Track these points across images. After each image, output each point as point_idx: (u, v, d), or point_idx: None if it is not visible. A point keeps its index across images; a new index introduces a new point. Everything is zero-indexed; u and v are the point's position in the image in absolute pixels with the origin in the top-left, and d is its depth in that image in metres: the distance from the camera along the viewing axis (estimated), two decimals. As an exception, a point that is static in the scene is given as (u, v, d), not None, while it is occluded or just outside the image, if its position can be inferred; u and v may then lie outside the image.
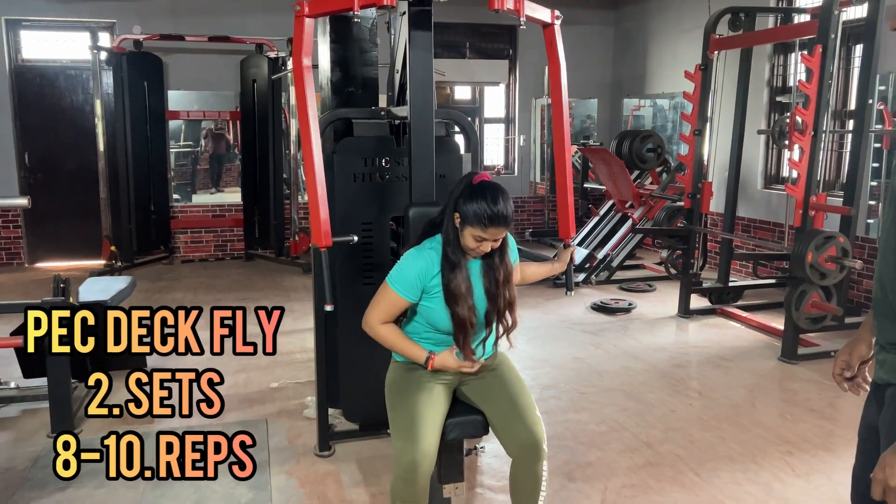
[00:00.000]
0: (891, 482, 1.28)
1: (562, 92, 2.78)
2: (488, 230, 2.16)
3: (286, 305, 6.05)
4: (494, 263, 2.30)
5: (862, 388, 1.65)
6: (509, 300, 2.33)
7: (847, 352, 1.63)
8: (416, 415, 2.23)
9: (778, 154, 6.77)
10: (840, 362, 1.64)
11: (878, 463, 1.31)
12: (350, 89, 3.44)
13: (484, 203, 2.14)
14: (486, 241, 2.19)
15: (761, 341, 5.04)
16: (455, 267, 2.24)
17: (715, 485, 3.00)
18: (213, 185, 8.27)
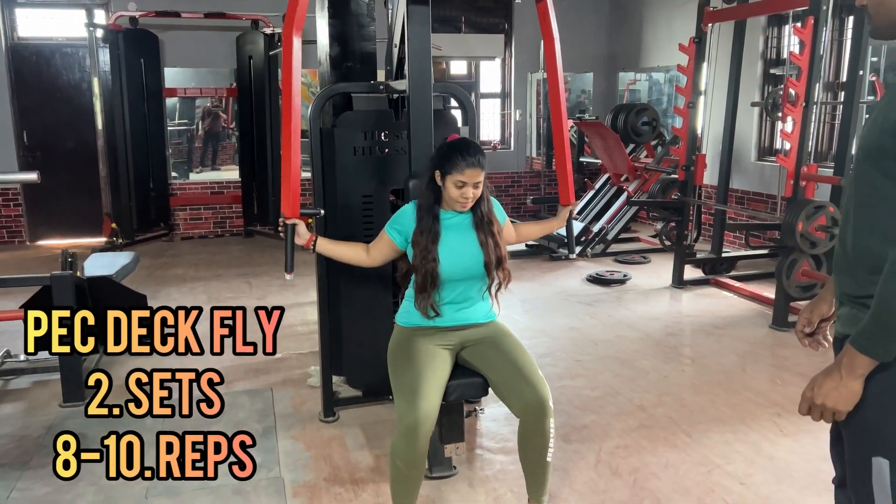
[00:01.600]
0: (816, 400, 1.43)
1: (556, 64, 2.84)
2: (465, 172, 2.36)
3: (285, 281, 6.10)
4: (483, 212, 2.49)
5: (821, 345, 1.76)
6: (502, 252, 2.51)
7: (809, 310, 1.73)
8: (419, 376, 2.33)
9: (771, 126, 6.84)
10: (802, 319, 1.73)
11: (809, 383, 1.44)
12: (348, 64, 3.50)
13: (457, 151, 2.39)
14: (466, 185, 2.38)
15: (753, 310, 5.15)
16: (424, 231, 2.43)
17: (705, 445, 3.12)
18: (210, 163, 8.33)
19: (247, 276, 6.32)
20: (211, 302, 5.50)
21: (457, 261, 2.44)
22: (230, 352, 4.35)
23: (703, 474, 2.87)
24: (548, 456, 2.39)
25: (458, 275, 2.46)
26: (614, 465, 2.95)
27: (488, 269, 2.47)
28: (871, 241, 1.36)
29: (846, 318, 1.45)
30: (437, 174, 2.43)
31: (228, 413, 3.49)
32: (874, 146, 1.34)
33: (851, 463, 1.48)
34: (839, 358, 1.39)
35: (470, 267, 2.46)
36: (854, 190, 1.42)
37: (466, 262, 2.45)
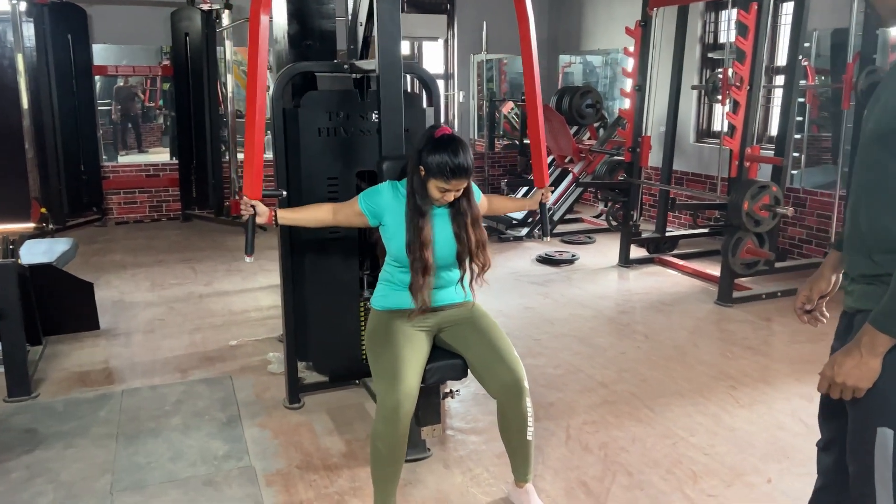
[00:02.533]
0: (837, 379, 1.47)
1: (531, 47, 2.84)
2: (450, 182, 2.29)
3: (232, 266, 6.01)
4: (462, 208, 2.43)
5: (819, 321, 1.83)
6: (480, 240, 2.46)
7: (808, 287, 1.79)
8: (398, 359, 2.31)
9: (709, 109, 7.05)
10: (802, 296, 1.80)
11: (829, 361, 1.49)
12: (308, 42, 3.42)
13: (446, 156, 2.26)
14: (448, 191, 2.32)
15: (697, 287, 5.33)
16: (423, 215, 2.37)
17: (668, 418, 3.22)
18: (136, 146, 8.01)
19: (190, 262, 6.13)
20: (155, 289, 5.31)
21: (437, 249, 2.42)
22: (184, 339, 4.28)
23: (669, 446, 2.96)
24: (528, 435, 2.41)
25: (439, 260, 2.44)
26: (584, 441, 3.01)
27: (460, 260, 2.46)
28: (887, 222, 1.41)
29: (859, 294, 1.51)
30: (421, 170, 2.32)
31: (187, 402, 3.40)
32: (885, 129, 1.39)
33: (854, 432, 1.54)
34: (858, 337, 1.44)
35: (447, 255, 2.45)
36: (864, 172, 1.47)
37: (444, 250, 2.44)
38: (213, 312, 4.78)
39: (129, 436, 3.07)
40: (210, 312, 4.78)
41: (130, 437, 3.06)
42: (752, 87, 4.49)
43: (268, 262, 6.08)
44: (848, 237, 1.56)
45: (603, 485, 2.68)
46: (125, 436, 3.07)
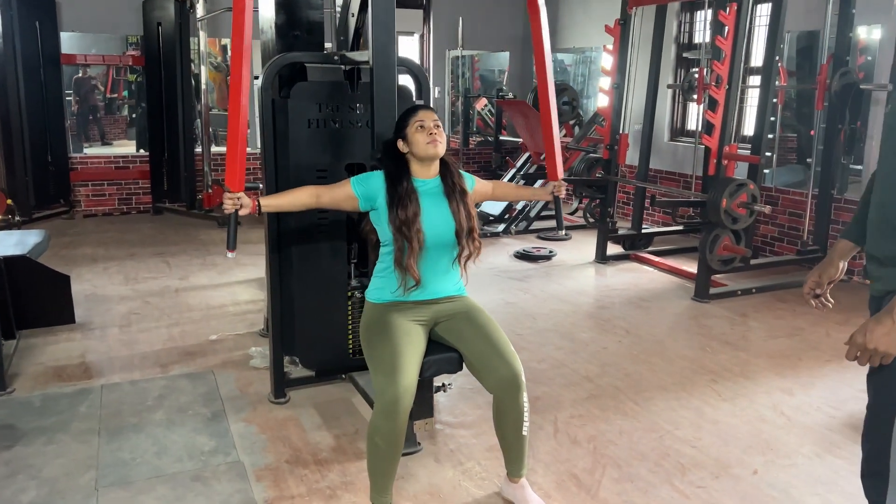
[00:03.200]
0: (868, 345, 1.51)
1: (543, 40, 2.83)
2: (418, 113, 2.49)
3: (207, 260, 5.92)
4: (452, 182, 2.53)
5: (826, 306, 1.88)
6: (472, 215, 2.53)
7: (818, 273, 1.85)
8: (397, 352, 2.30)
9: (683, 108, 7.15)
10: (811, 282, 1.85)
11: (860, 328, 1.53)
12: (295, 33, 3.37)
13: (405, 110, 2.57)
14: (426, 122, 2.46)
15: (674, 283, 5.40)
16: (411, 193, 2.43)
17: (653, 411, 3.26)
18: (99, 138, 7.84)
19: (163, 256, 6.02)
20: (129, 283, 5.21)
21: (433, 227, 2.43)
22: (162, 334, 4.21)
23: (655, 440, 3.00)
24: (523, 430, 2.42)
25: (433, 242, 2.44)
26: (572, 434, 3.03)
27: (458, 237, 2.48)
28: None
29: (890, 278, 1.54)
30: (400, 142, 2.51)
31: (170, 397, 3.34)
32: None
33: (873, 408, 1.58)
34: (890, 306, 1.47)
35: (442, 233, 2.46)
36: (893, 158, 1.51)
37: (441, 228, 2.45)
38: (190, 307, 4.70)
39: (112, 431, 3.01)
40: (187, 307, 4.70)
41: (113, 432, 3.00)
42: (731, 86, 4.56)
43: (244, 256, 6.01)
44: (877, 224, 1.59)
45: (594, 477, 2.70)
46: (107, 431, 3.01)
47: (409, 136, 2.48)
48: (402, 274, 2.44)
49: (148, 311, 4.61)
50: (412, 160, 2.51)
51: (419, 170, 2.51)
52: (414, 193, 2.46)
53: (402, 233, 2.40)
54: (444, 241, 2.48)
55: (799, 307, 4.78)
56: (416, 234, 2.40)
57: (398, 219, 2.40)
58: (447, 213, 2.47)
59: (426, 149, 2.47)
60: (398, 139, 2.51)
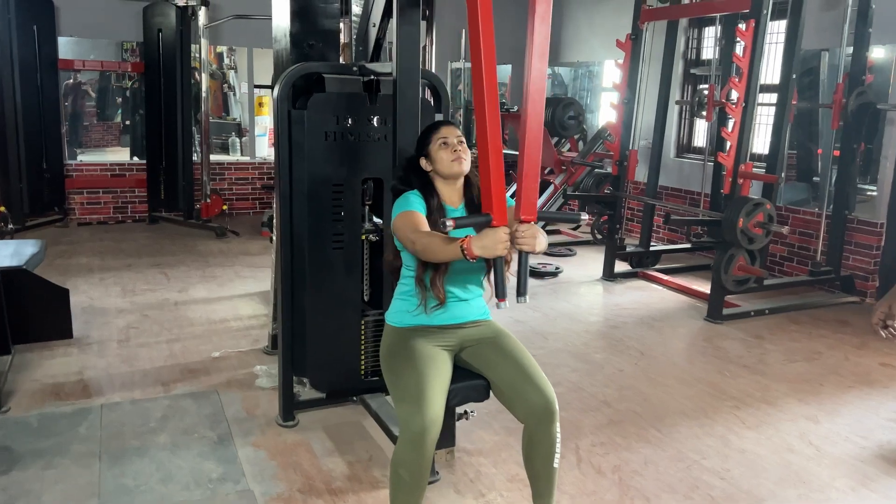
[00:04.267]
0: None
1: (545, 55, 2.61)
2: (441, 130, 2.36)
3: (206, 271, 5.77)
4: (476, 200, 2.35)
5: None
6: None
7: (887, 304, 1.79)
8: (423, 380, 2.18)
9: (690, 125, 7.08)
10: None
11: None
12: (311, 42, 3.26)
13: (426, 127, 2.46)
14: (449, 139, 2.34)
15: (684, 303, 5.31)
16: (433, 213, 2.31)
17: (677, 439, 3.15)
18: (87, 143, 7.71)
19: (161, 267, 5.87)
20: (126, 295, 5.06)
21: None
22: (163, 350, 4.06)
23: (682, 470, 2.88)
24: (555, 462, 2.30)
25: (461, 267, 2.33)
26: (596, 464, 2.91)
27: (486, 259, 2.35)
28: None
29: None
30: (423, 160, 2.39)
31: (173, 419, 3.20)
32: None
33: None
34: None
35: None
36: None
37: None
38: (191, 321, 4.56)
39: (114, 455, 2.86)
40: (188, 321, 4.55)
41: (115, 456, 2.85)
42: (748, 103, 4.49)
43: (244, 268, 5.89)
44: None
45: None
46: (109, 455, 2.86)
47: (433, 153, 2.36)
48: (424, 292, 2.32)
49: (147, 325, 4.46)
50: (436, 178, 2.40)
51: (445, 191, 2.40)
52: (443, 210, 2.35)
53: None
54: (472, 266, 2.36)
55: (814, 329, 4.69)
56: None
57: None
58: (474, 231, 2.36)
59: (451, 166, 2.35)
60: (420, 157, 2.40)
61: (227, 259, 6.20)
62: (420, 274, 2.32)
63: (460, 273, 2.36)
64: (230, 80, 10.74)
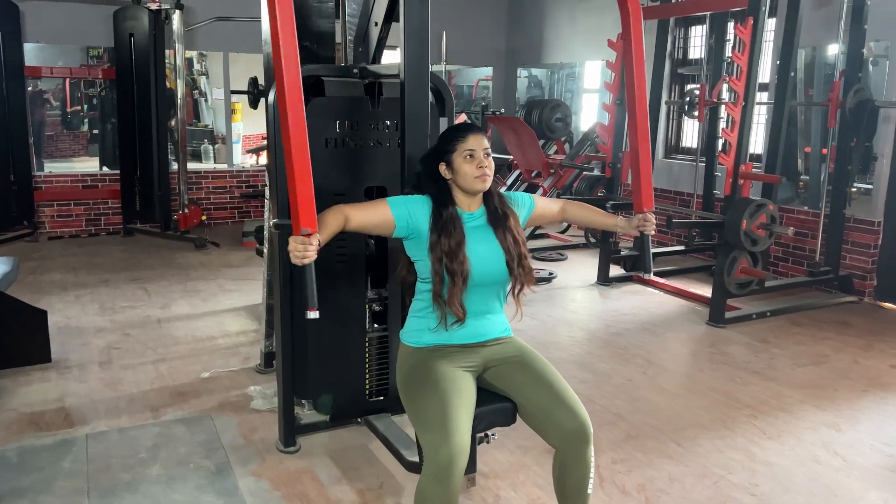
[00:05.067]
0: None
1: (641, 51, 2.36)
2: (468, 139, 2.17)
3: (188, 286, 5.53)
4: (494, 206, 2.25)
5: None
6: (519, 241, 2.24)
7: None
8: (447, 406, 2.01)
9: (678, 125, 7.01)
10: None
11: None
12: (305, 44, 3.07)
13: (451, 131, 2.25)
14: (476, 152, 2.17)
15: (684, 307, 5.20)
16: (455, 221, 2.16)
17: (699, 453, 3.01)
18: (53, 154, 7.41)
19: (140, 282, 5.62)
20: (104, 313, 4.81)
21: (482, 264, 2.16)
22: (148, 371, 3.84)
23: (709, 486, 2.75)
24: (588, 488, 2.15)
25: (483, 279, 2.18)
26: (620, 483, 2.76)
27: (510, 267, 2.21)
28: None
29: None
30: (442, 166, 2.20)
31: (165, 448, 2.99)
32: None
33: None
34: None
35: (492, 270, 2.19)
36: None
37: (491, 264, 2.18)
38: (175, 339, 4.33)
39: (103, 491, 2.64)
40: (172, 339, 4.33)
41: (104, 492, 2.64)
42: (748, 102, 4.40)
43: (228, 281, 5.67)
44: None
45: (655, 535, 2.44)
46: (98, 491, 2.64)
47: (456, 164, 2.17)
48: (442, 309, 2.16)
49: (129, 345, 4.23)
50: (454, 187, 2.24)
51: (462, 200, 2.24)
52: (458, 220, 2.18)
53: (444, 264, 2.12)
54: (494, 278, 2.21)
55: (818, 332, 4.61)
56: (459, 266, 2.12)
57: (441, 248, 2.12)
58: (495, 246, 2.20)
59: (473, 183, 2.18)
60: (441, 162, 2.22)
61: (209, 272, 5.96)
62: (438, 289, 2.15)
63: (481, 287, 2.20)
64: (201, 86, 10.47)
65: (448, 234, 2.14)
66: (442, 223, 2.15)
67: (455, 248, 2.13)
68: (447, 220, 2.16)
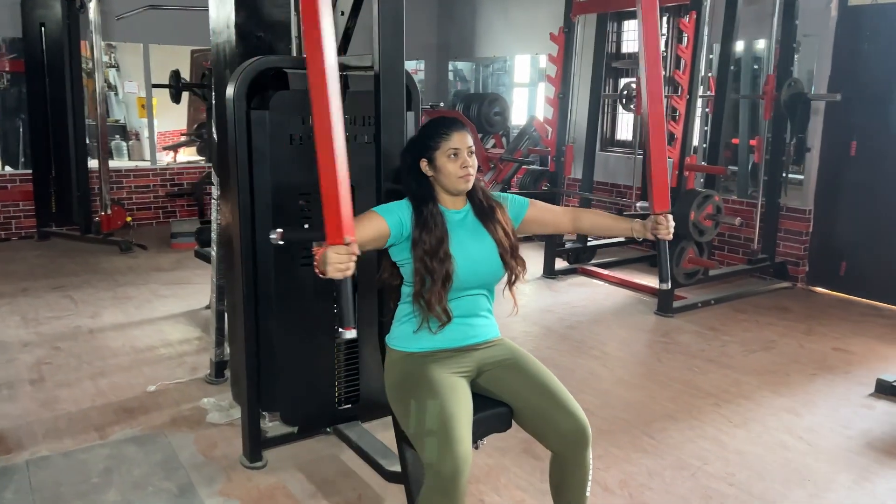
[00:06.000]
0: None
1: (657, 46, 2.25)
2: (452, 137, 2.08)
3: (117, 292, 5.21)
4: (479, 199, 2.16)
5: None
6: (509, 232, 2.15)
7: None
8: (448, 415, 1.92)
9: (612, 118, 7.11)
10: None
11: None
12: (259, 34, 2.90)
13: (433, 126, 2.13)
14: (460, 151, 2.07)
15: (630, 297, 5.27)
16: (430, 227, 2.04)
17: (672, 445, 3.03)
18: None
19: (64, 289, 5.24)
20: (28, 325, 4.45)
21: (473, 263, 2.08)
22: (87, 387, 3.57)
23: (689, 478, 2.76)
24: (587, 491, 2.10)
25: (473, 278, 2.09)
26: (601, 480, 2.74)
27: (505, 259, 2.13)
28: None
29: None
30: (424, 162, 2.10)
31: (119, 471, 2.77)
32: None
33: None
34: None
35: (482, 268, 2.12)
36: None
37: (482, 262, 2.11)
38: (113, 351, 4.04)
39: (54, 524, 2.42)
40: (110, 351, 4.04)
41: (56, 525, 2.41)
42: (692, 95, 4.47)
43: (161, 286, 5.36)
44: None
45: (645, 532, 2.42)
46: (48, 524, 2.41)
47: (439, 163, 2.07)
48: (424, 312, 2.06)
49: (62, 359, 3.92)
50: (436, 185, 2.14)
51: (446, 198, 2.15)
52: (440, 217, 2.08)
53: (425, 263, 2.02)
54: (485, 275, 2.13)
55: (761, 318, 4.75)
56: (440, 265, 2.02)
57: (421, 247, 2.02)
58: (486, 240, 2.12)
59: (457, 183, 2.09)
60: (422, 158, 2.11)
61: (139, 276, 5.62)
62: (419, 289, 2.05)
63: (468, 288, 2.12)
64: (111, 79, 9.91)
65: (429, 230, 2.04)
66: (423, 220, 2.06)
67: (436, 246, 2.03)
68: (427, 216, 2.07)
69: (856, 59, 4.93)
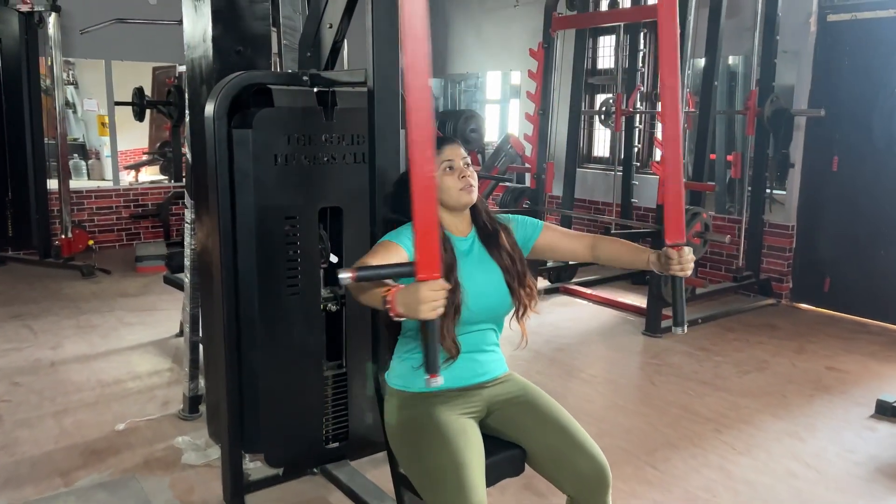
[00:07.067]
0: None
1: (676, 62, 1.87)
2: (443, 150, 1.95)
3: (80, 320, 4.93)
4: (483, 222, 2.03)
5: None
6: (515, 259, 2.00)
7: None
8: (460, 462, 1.75)
9: (589, 135, 7.04)
10: None
11: None
12: (239, 49, 2.72)
13: None
14: (455, 162, 1.95)
15: (616, 317, 5.16)
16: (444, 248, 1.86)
17: (677, 476, 2.90)
18: None
19: (22, 318, 4.94)
20: (-16, 357, 4.16)
21: (482, 296, 1.93)
22: (50, 427, 3.31)
23: (699, 513, 2.63)
24: (605, 538, 1.94)
25: (481, 311, 1.94)
26: (609, 518, 2.58)
27: (511, 287, 1.98)
28: None
29: None
30: None
31: (87, 522, 2.53)
32: None
33: None
34: None
35: (494, 298, 1.97)
36: None
37: (490, 293, 1.96)
38: (77, 386, 3.78)
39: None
40: (74, 386, 3.78)
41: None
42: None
43: (127, 313, 5.10)
44: None
45: (663, 576, 2.27)
46: (9, 589, 2.17)
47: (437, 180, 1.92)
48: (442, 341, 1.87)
49: (21, 395, 3.65)
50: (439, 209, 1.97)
51: (450, 221, 1.99)
52: (448, 242, 1.93)
53: None
54: (494, 307, 1.98)
55: (750, 336, 4.68)
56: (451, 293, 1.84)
57: None
58: (493, 268, 1.97)
59: (459, 196, 1.94)
60: None
61: (104, 303, 5.34)
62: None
63: (476, 322, 1.96)
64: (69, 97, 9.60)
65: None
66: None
67: (445, 273, 1.87)
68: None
69: (836, 74, 4.93)
